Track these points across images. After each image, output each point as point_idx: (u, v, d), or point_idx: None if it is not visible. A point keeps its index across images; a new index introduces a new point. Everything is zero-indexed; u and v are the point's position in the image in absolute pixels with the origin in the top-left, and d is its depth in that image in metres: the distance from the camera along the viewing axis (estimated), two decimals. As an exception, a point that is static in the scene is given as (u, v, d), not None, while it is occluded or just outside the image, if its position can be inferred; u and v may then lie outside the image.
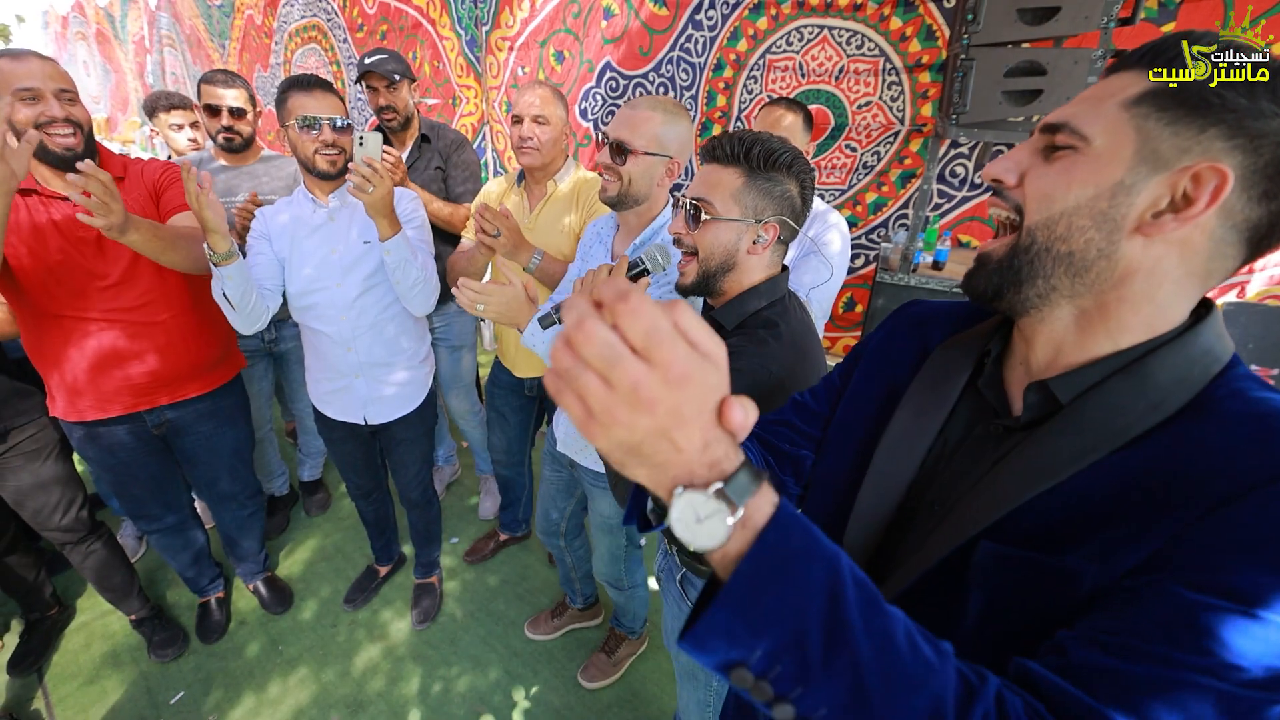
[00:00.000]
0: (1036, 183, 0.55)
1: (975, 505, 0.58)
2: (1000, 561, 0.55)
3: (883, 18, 2.30)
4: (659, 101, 1.39)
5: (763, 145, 1.01)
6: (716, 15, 2.64)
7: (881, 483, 0.68)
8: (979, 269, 0.61)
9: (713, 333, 0.40)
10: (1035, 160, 0.57)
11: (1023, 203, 0.56)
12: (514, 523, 2.63)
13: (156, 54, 6.06)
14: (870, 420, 0.73)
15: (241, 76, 2.25)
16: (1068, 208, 0.54)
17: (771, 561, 0.40)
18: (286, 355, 2.51)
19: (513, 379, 2.18)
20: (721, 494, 0.40)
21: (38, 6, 8.10)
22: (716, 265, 1.07)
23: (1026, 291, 0.57)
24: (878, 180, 2.54)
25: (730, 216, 1.03)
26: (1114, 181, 0.52)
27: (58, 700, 2.02)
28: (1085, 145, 0.53)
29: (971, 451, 0.64)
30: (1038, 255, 0.56)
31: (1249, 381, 0.53)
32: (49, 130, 1.46)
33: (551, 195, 1.92)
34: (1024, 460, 0.56)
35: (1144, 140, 0.51)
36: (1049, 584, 0.52)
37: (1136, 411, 0.53)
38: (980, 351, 0.68)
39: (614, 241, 1.56)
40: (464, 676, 2.11)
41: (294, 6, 4.41)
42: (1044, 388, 0.58)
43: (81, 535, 1.98)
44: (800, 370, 1.02)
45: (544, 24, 3.18)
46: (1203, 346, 0.54)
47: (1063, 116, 0.55)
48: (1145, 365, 0.54)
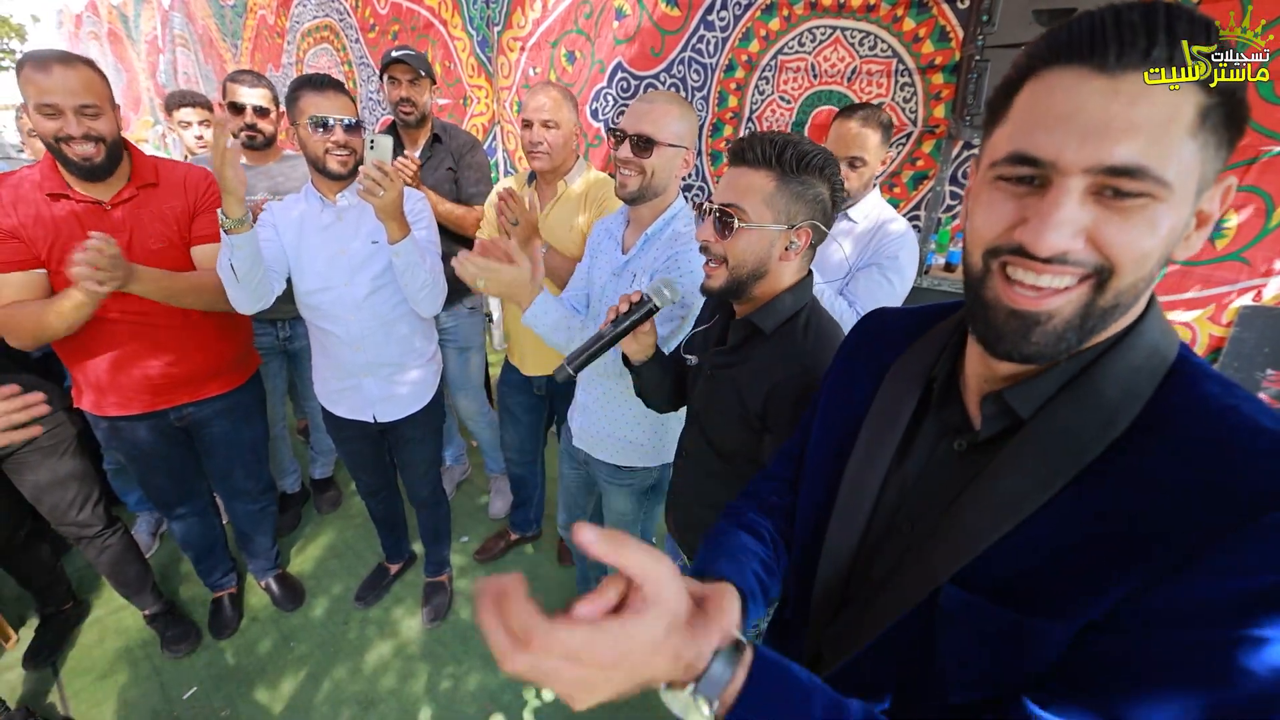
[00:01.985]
0: (1126, 241, 0.46)
1: (941, 549, 0.57)
2: (965, 608, 0.55)
3: (896, 19, 2.29)
4: (671, 96, 1.41)
5: (795, 147, 0.97)
6: (728, 16, 2.63)
7: (846, 516, 0.69)
8: (1033, 328, 0.50)
9: (631, 619, 0.44)
10: (1095, 210, 0.46)
11: (1109, 265, 0.47)
12: (525, 522, 2.64)
13: (169, 53, 6.10)
14: (833, 454, 0.73)
15: (267, 78, 2.28)
16: (1155, 263, 0.47)
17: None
18: (300, 354, 2.53)
19: (521, 377, 2.19)
20: (695, 692, 0.48)
21: (52, 6, 8.17)
22: (748, 273, 1.03)
23: (1085, 341, 0.51)
24: (890, 182, 2.53)
25: (763, 223, 0.99)
26: (1183, 222, 0.47)
27: (72, 694, 2.04)
28: (1166, 194, 0.44)
29: (937, 471, 0.63)
30: (1113, 312, 0.49)
31: (1198, 382, 0.51)
32: (68, 145, 1.47)
33: (562, 195, 1.93)
34: (985, 496, 0.55)
35: (1204, 170, 0.45)
36: (1017, 639, 0.52)
37: (1090, 431, 0.51)
38: (925, 375, 0.66)
39: (624, 235, 1.56)
40: (474, 675, 2.12)
41: (306, 6, 4.43)
42: (1000, 399, 0.56)
43: (97, 530, 2.00)
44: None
45: (556, 24, 3.18)
46: (1148, 345, 0.52)
47: (1134, 159, 0.44)
48: (1091, 377, 0.52)
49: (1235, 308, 1.82)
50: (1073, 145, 0.45)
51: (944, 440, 0.63)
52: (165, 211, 1.69)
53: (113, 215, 1.61)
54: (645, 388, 1.31)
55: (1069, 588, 0.50)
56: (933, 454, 0.64)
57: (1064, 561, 0.50)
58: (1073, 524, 0.50)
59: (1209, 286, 1.84)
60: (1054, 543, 0.51)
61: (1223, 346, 1.84)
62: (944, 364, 0.65)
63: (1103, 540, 0.49)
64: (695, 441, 1.26)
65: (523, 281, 1.30)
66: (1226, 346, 1.83)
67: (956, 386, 0.64)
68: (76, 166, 1.51)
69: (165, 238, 1.68)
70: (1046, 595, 0.51)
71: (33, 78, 1.41)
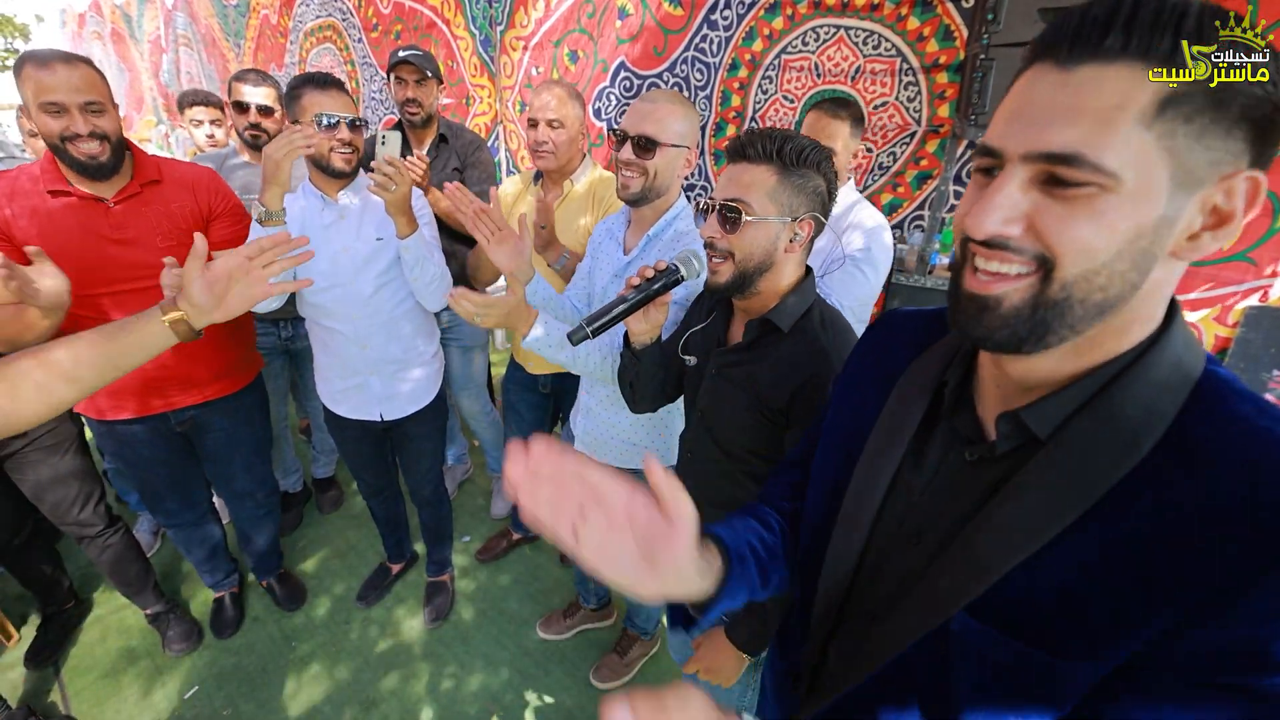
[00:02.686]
0: (1066, 231, 0.45)
1: (952, 577, 0.55)
2: (980, 638, 0.53)
3: (900, 18, 2.28)
4: (673, 95, 1.40)
5: (793, 142, 1.00)
6: (732, 15, 2.63)
7: (850, 523, 0.68)
8: (984, 313, 0.50)
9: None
10: (1037, 198, 0.46)
11: (1050, 254, 0.46)
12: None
13: (172, 53, 6.11)
14: (841, 459, 0.72)
15: (273, 77, 2.28)
16: (1110, 257, 0.45)
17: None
18: (302, 353, 2.53)
19: (527, 375, 2.18)
20: None
21: (55, 5, 8.18)
22: (755, 266, 1.05)
23: (1048, 340, 0.49)
24: (894, 181, 2.52)
25: (767, 216, 1.02)
26: (1156, 218, 0.44)
27: (74, 693, 2.04)
28: (1114, 184, 0.43)
29: (947, 481, 0.61)
30: (1070, 307, 0.47)
31: (1228, 400, 0.48)
32: (74, 143, 1.46)
33: (568, 195, 1.92)
34: (999, 521, 0.53)
35: (1176, 162, 0.43)
36: (1037, 676, 0.50)
37: (1110, 454, 0.49)
38: (936, 382, 0.64)
39: (625, 236, 1.56)
40: (476, 675, 2.11)
41: (309, 6, 4.44)
42: (1016, 418, 0.54)
43: (99, 529, 2.00)
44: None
45: (558, 24, 3.18)
46: (1171, 360, 0.49)
47: (1070, 146, 0.43)
48: (1111, 395, 0.49)
49: (1241, 308, 1.81)
50: (1015, 133, 0.46)
51: (955, 449, 0.61)
52: (173, 210, 1.68)
53: (115, 212, 1.60)
54: (640, 375, 1.30)
55: (1092, 624, 0.47)
56: (943, 462, 0.62)
57: (1086, 596, 0.48)
58: (1093, 556, 0.48)
59: (1215, 287, 1.83)
60: (1074, 574, 0.48)
61: (1229, 347, 1.83)
62: (956, 369, 0.63)
63: (1127, 575, 0.46)
64: (700, 441, 1.25)
65: (518, 311, 1.30)
66: (1232, 347, 1.82)
67: (969, 394, 0.62)
68: (82, 165, 1.50)
69: (174, 235, 1.67)
70: (1068, 632, 0.48)
71: (35, 76, 1.40)
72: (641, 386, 1.32)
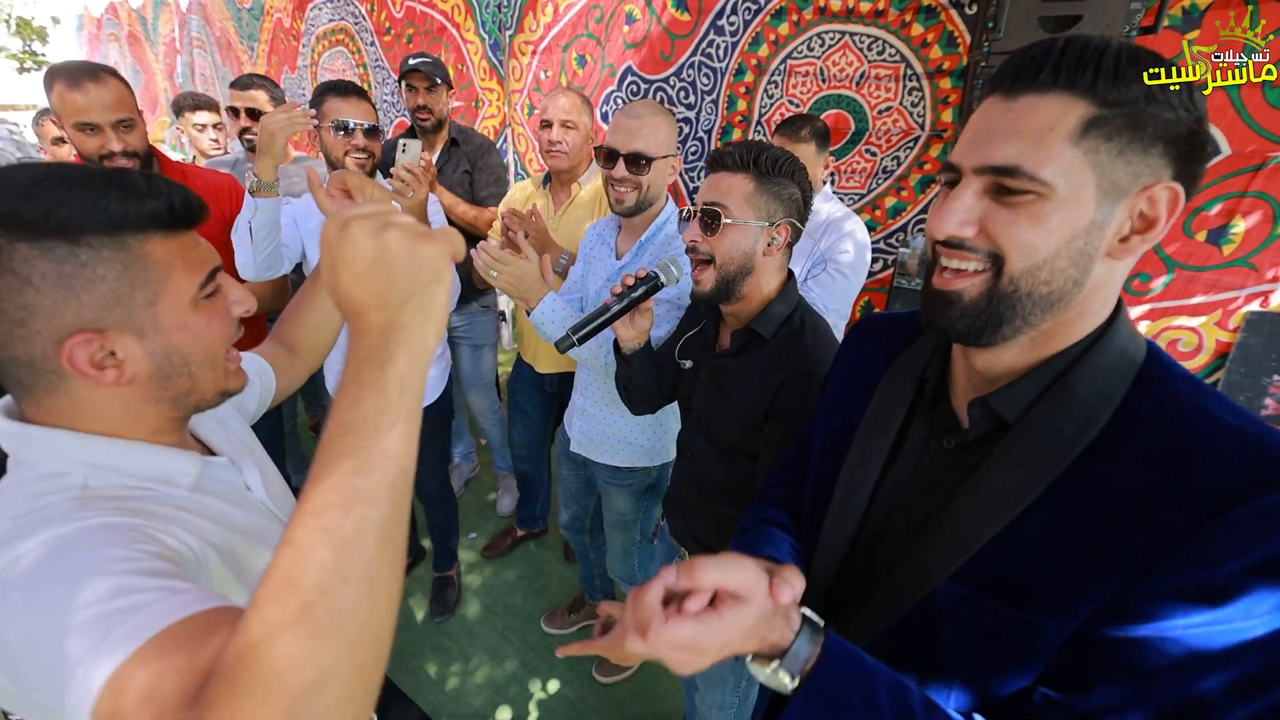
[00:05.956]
0: (1011, 232, 0.53)
1: (936, 548, 0.61)
2: (964, 603, 0.58)
3: (904, 24, 2.31)
4: (653, 105, 1.44)
5: (769, 153, 1.06)
6: (738, 20, 2.66)
7: (840, 513, 0.73)
8: (947, 307, 0.58)
9: (730, 614, 0.54)
10: (988, 205, 0.54)
11: (1000, 251, 0.54)
12: (531, 519, 2.68)
13: (186, 55, 6.20)
14: (831, 457, 0.77)
15: (270, 79, 2.32)
16: (1050, 254, 0.53)
17: (819, 697, 0.55)
18: (313, 351, 2.57)
19: (534, 375, 2.22)
20: (780, 667, 0.56)
21: (72, 9, 8.30)
22: (735, 269, 1.09)
23: (1004, 331, 0.56)
24: (897, 185, 2.55)
25: (746, 219, 1.07)
26: (1087, 221, 0.52)
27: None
28: (1049, 192, 0.51)
29: (928, 467, 0.67)
30: (1019, 300, 0.55)
31: (1167, 382, 0.55)
32: (109, 161, 1.50)
33: (575, 198, 1.96)
34: (976, 496, 0.59)
35: (1101, 174, 0.51)
36: (1016, 633, 0.55)
37: (1070, 432, 0.55)
38: (919, 379, 0.70)
39: (617, 241, 1.59)
40: (482, 668, 2.15)
41: (322, 10, 4.50)
42: (985, 404, 0.60)
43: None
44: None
45: (566, 28, 3.22)
46: (1117, 349, 0.56)
47: (1010, 159, 0.52)
48: (1068, 380, 0.56)
49: (1242, 313, 1.82)
50: (969, 151, 0.55)
51: (934, 439, 0.67)
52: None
53: None
54: (633, 379, 1.33)
55: (1061, 584, 0.53)
56: (924, 452, 0.67)
57: (1054, 558, 0.54)
58: (1059, 522, 0.54)
59: (1216, 292, 1.84)
60: (1043, 540, 0.54)
61: (1229, 352, 1.84)
62: (935, 366, 0.69)
63: (1088, 537, 0.52)
64: (697, 440, 1.29)
65: (533, 278, 1.31)
66: (1233, 352, 1.83)
67: (946, 388, 0.68)
68: None
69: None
70: (1041, 591, 0.54)
71: (68, 97, 1.44)
72: (636, 389, 1.36)
